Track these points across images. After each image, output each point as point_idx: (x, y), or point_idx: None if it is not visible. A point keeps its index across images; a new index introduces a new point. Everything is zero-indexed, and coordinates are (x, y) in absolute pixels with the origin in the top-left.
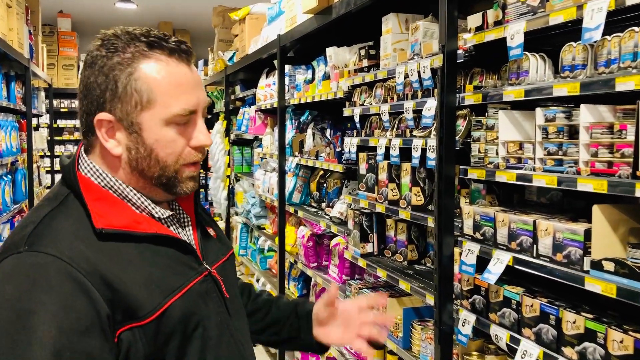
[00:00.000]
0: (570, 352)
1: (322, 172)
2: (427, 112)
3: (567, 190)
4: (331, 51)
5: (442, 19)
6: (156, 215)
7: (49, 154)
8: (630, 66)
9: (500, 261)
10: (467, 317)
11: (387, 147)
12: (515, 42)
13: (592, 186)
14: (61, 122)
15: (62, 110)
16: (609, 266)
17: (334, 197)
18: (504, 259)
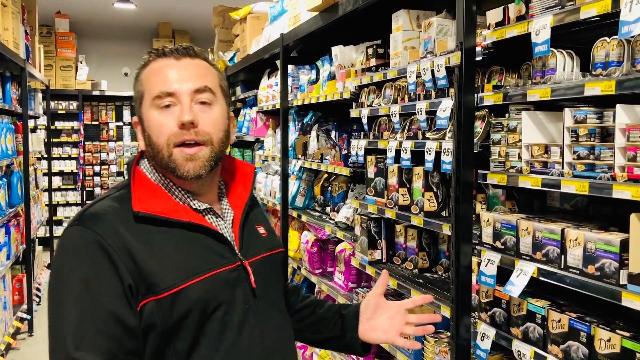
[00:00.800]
0: None
1: (326, 176)
2: (442, 113)
3: (594, 196)
4: (337, 50)
5: (459, 14)
6: (194, 206)
7: (46, 156)
8: None
9: (524, 272)
10: (486, 331)
11: (397, 150)
12: (540, 38)
13: (629, 193)
14: (59, 124)
15: (59, 112)
16: None
17: (339, 201)
18: (528, 271)
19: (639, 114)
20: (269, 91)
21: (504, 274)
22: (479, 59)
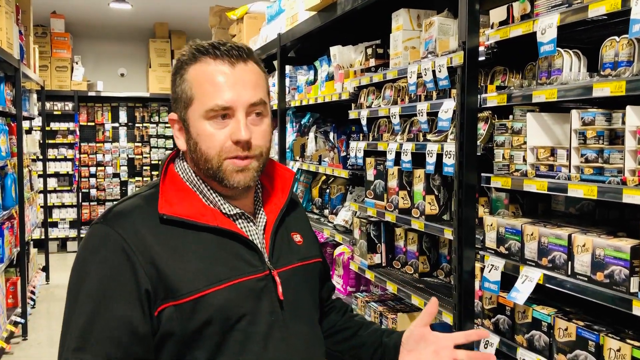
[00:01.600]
0: None
1: (324, 178)
2: (443, 114)
3: (601, 200)
4: (335, 50)
5: (462, 13)
6: (224, 210)
7: (41, 157)
8: None
9: (529, 279)
10: (489, 339)
11: (397, 152)
12: (547, 37)
13: None
14: (54, 125)
15: (55, 112)
16: None
17: (337, 203)
18: (533, 277)
19: None
20: None
21: (507, 280)
22: (481, 59)
